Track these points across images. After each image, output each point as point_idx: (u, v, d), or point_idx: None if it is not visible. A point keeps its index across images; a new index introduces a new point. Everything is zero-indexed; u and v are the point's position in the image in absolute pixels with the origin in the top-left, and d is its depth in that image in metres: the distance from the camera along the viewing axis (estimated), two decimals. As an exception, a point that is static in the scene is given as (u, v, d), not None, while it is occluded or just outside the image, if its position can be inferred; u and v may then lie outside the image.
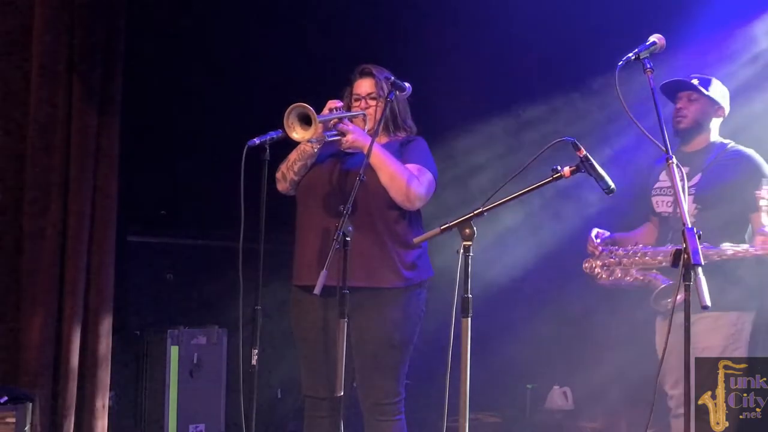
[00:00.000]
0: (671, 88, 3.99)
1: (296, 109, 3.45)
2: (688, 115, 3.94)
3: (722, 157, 3.94)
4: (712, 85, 3.97)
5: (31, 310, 4.24)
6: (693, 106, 3.94)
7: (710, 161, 3.95)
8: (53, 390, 4.25)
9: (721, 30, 4.82)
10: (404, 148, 3.72)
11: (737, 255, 3.70)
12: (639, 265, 3.89)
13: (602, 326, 5.21)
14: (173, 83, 5.36)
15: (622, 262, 3.94)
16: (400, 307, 3.61)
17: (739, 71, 4.69)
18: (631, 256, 3.92)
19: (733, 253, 3.71)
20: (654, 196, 4.05)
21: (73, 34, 4.37)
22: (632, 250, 3.93)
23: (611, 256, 3.96)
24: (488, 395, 5.41)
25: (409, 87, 3.72)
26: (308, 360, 3.70)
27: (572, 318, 5.44)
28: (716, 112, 3.98)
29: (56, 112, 4.32)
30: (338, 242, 3.26)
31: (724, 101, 3.99)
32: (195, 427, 4.86)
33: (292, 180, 3.72)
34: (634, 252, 3.92)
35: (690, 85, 3.94)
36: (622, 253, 3.95)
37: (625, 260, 3.94)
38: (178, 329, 4.86)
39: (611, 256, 3.96)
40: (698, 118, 3.95)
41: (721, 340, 3.83)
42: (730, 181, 3.88)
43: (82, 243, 4.34)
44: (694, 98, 3.94)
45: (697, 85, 3.93)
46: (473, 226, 3.06)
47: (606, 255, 3.98)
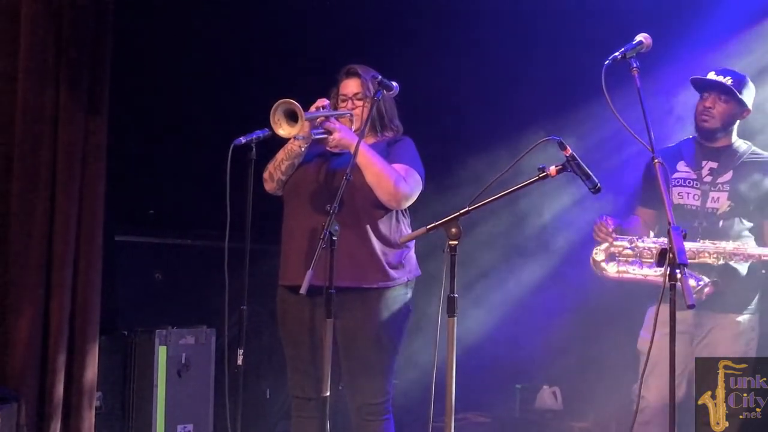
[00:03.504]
0: (705, 85, 3.89)
1: (283, 105, 3.44)
2: (716, 115, 3.88)
3: (750, 158, 3.91)
4: (747, 87, 3.89)
5: (18, 310, 4.23)
6: (722, 106, 3.87)
7: (740, 160, 3.91)
8: (40, 390, 4.24)
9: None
10: (391, 148, 3.71)
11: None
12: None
13: (593, 326, 5.21)
14: (161, 82, 5.34)
15: (643, 255, 3.80)
16: (387, 307, 3.61)
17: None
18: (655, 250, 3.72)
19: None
20: (674, 187, 3.90)
21: (61, 33, 4.35)
22: (658, 243, 3.74)
23: (630, 247, 3.81)
24: (477, 395, 5.40)
25: (396, 86, 3.71)
26: (295, 360, 3.70)
27: (562, 318, 5.44)
28: (742, 114, 3.93)
29: (43, 112, 4.31)
30: (325, 242, 3.26)
31: (750, 102, 3.92)
32: (183, 428, 4.84)
33: (280, 180, 3.71)
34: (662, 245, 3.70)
35: (726, 88, 3.84)
36: (644, 246, 3.78)
37: (647, 254, 3.79)
38: (166, 329, 4.84)
39: (630, 247, 3.81)
40: (726, 120, 3.89)
41: (743, 346, 3.81)
42: (764, 185, 3.86)
43: (69, 243, 4.33)
44: (724, 99, 3.86)
45: (731, 85, 3.84)
46: (459, 226, 3.06)
47: (620, 245, 3.82)
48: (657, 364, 3.47)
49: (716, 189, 3.87)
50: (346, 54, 4.03)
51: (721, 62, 4.75)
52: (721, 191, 3.86)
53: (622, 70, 3.16)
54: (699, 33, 4.78)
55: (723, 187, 3.87)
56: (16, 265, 4.24)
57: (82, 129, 4.40)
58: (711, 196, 3.86)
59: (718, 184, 3.87)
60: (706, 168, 3.92)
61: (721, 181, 3.88)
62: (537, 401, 5.68)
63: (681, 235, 2.77)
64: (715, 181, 3.88)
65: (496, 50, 5.48)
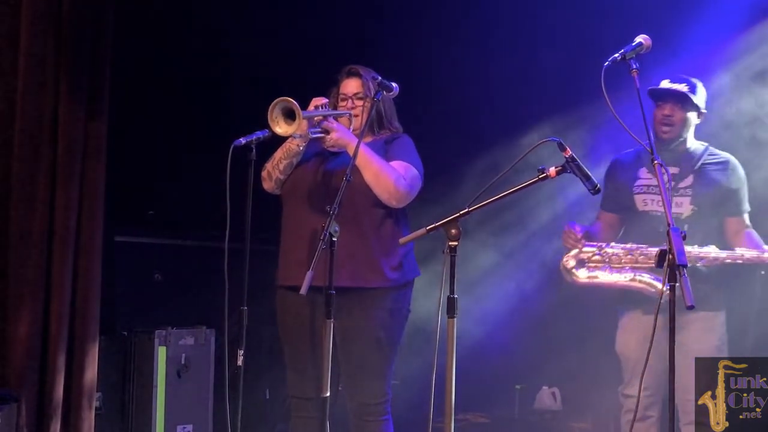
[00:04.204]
0: (662, 94, 3.94)
1: (281, 103, 3.44)
2: (676, 123, 3.92)
3: (710, 160, 3.97)
4: (698, 89, 3.95)
5: (18, 310, 4.22)
6: (680, 114, 3.91)
7: (699, 163, 3.96)
8: (40, 390, 4.23)
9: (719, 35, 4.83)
10: (389, 146, 3.72)
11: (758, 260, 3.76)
12: (633, 264, 3.86)
13: (592, 326, 5.21)
14: (161, 82, 5.35)
15: (612, 260, 3.89)
16: (386, 308, 3.61)
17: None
18: (623, 255, 3.86)
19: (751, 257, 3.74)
20: (638, 195, 3.99)
21: (61, 34, 4.35)
22: (625, 248, 3.86)
23: (598, 252, 3.90)
24: (476, 396, 5.41)
25: (396, 87, 3.71)
26: (294, 360, 3.70)
27: (562, 318, 5.45)
28: (698, 116, 3.98)
29: (43, 111, 4.31)
30: (324, 242, 3.26)
31: (704, 104, 3.98)
32: (183, 428, 4.84)
33: (278, 179, 3.71)
34: (629, 250, 3.88)
35: (682, 95, 3.90)
36: (612, 252, 3.88)
37: (615, 259, 3.88)
38: (165, 330, 4.84)
39: (598, 252, 3.90)
40: (685, 126, 3.94)
41: (716, 341, 3.89)
42: (724, 185, 3.94)
43: (69, 243, 4.32)
44: (681, 106, 3.91)
45: (687, 92, 3.90)
46: (459, 227, 3.06)
47: (589, 251, 3.91)
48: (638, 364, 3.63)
49: (679, 194, 3.93)
50: (347, 54, 4.04)
51: (721, 62, 4.78)
52: (684, 196, 3.92)
53: (621, 71, 3.17)
54: (699, 33, 4.78)
55: (685, 192, 3.92)
56: (16, 265, 4.24)
57: (82, 129, 4.39)
58: (675, 201, 3.91)
59: (681, 189, 3.93)
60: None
61: (683, 186, 3.93)
62: (536, 402, 5.70)
63: (680, 237, 2.77)
64: (677, 186, 3.93)
65: (497, 50, 5.49)
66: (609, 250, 3.89)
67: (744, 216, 4.00)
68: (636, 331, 3.95)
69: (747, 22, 4.84)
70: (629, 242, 3.90)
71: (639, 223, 3.98)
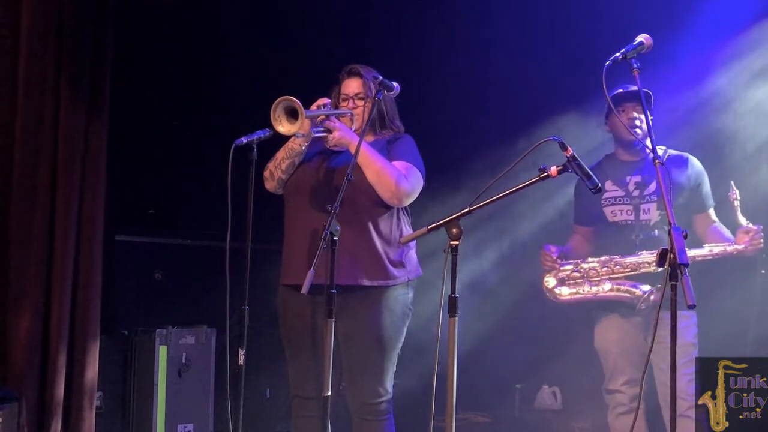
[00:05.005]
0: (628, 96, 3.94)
1: (283, 102, 3.44)
2: (643, 126, 3.94)
3: (666, 161, 3.97)
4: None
5: (19, 309, 4.22)
6: (643, 116, 3.92)
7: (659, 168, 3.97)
8: (40, 389, 4.23)
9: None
10: (391, 146, 3.72)
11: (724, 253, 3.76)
12: (610, 276, 3.92)
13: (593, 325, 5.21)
14: (161, 83, 5.35)
15: (590, 275, 3.98)
16: (388, 307, 3.61)
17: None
18: (599, 268, 3.96)
19: (719, 251, 3.77)
20: (606, 207, 4.06)
21: (62, 34, 4.35)
22: (600, 261, 3.96)
23: (576, 269, 3.98)
24: (477, 395, 5.41)
25: (397, 87, 3.71)
26: (296, 359, 3.70)
27: (562, 317, 5.44)
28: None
29: (44, 111, 4.31)
30: (326, 241, 3.25)
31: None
32: (183, 427, 4.84)
33: (280, 178, 3.71)
34: (603, 263, 3.94)
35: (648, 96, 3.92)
36: (588, 267, 3.98)
37: (593, 273, 3.98)
38: (166, 329, 4.84)
39: (576, 269, 3.98)
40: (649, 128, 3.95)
41: (692, 338, 3.96)
42: (686, 185, 3.99)
43: (69, 242, 4.33)
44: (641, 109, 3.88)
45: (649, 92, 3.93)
46: (460, 226, 3.07)
47: (568, 269, 4.01)
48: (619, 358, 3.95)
49: (645, 201, 4.00)
50: (347, 53, 4.04)
51: (721, 62, 4.78)
52: (650, 202, 3.98)
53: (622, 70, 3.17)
54: (699, 33, 4.78)
55: (651, 198, 3.98)
56: (16, 264, 4.24)
57: (82, 129, 4.39)
58: (642, 208, 3.98)
59: (646, 195, 3.99)
60: (631, 183, 4.05)
61: (648, 193, 3.99)
62: (537, 401, 5.70)
63: (682, 235, 2.78)
64: (643, 193, 4.00)
65: (498, 50, 5.49)
66: (585, 266, 4.00)
67: (710, 211, 4.05)
68: (614, 329, 4.05)
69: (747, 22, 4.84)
70: (603, 254, 3.99)
71: (610, 233, 4.06)
